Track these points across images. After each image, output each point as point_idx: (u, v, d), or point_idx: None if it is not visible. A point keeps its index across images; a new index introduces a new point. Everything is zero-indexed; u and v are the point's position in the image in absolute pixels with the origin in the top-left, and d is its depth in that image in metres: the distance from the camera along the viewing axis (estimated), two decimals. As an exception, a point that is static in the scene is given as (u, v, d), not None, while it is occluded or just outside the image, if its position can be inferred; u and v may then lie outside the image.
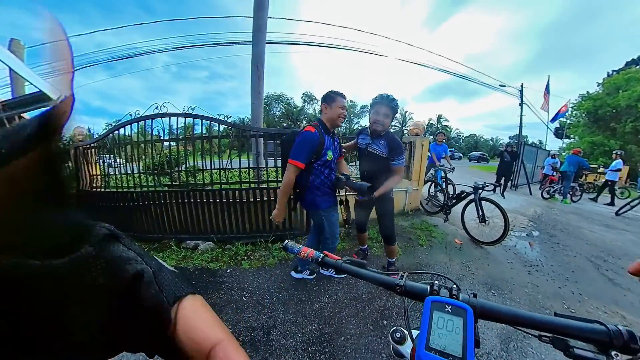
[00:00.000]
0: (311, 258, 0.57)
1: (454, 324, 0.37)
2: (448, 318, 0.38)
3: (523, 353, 1.44)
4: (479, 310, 0.40)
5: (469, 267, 2.43)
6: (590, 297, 2.04)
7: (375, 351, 1.42)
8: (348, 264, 0.54)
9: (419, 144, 3.97)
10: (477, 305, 0.40)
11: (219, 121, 2.81)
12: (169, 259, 2.52)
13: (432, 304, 0.40)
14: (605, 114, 15.01)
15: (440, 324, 0.38)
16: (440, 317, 0.38)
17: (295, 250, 0.60)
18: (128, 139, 3.06)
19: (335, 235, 1.83)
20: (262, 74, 4.20)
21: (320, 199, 1.68)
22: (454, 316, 0.38)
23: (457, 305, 0.39)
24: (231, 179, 2.99)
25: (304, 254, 0.58)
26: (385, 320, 1.67)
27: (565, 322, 0.37)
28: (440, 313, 0.39)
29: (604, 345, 0.34)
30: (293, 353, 1.42)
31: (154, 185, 3.08)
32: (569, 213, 5.05)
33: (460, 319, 0.37)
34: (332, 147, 1.67)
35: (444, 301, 0.40)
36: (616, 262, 2.74)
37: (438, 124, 47.72)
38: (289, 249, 0.61)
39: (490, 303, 0.41)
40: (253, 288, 2.03)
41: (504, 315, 0.40)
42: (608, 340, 0.33)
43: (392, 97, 1.70)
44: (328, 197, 1.72)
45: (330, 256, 0.57)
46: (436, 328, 0.37)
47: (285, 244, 0.63)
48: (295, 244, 0.61)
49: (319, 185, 1.66)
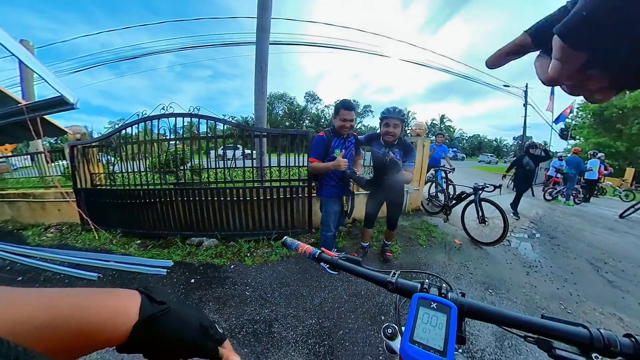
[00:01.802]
0: (308, 254, 0.59)
1: (437, 320, 0.39)
2: (433, 314, 0.39)
3: (517, 351, 1.48)
4: (466, 309, 0.42)
5: (467, 267, 2.46)
6: (588, 299, 2.05)
7: (372, 344, 1.47)
8: (344, 261, 0.56)
9: (421, 145, 4.00)
10: (465, 304, 0.42)
11: (223, 121, 2.87)
12: (174, 254, 2.59)
13: (418, 300, 0.42)
14: (611, 115, 14.79)
15: (425, 319, 0.39)
16: (425, 312, 0.40)
17: (293, 246, 0.62)
18: (134, 138, 3.14)
19: (328, 224, 2.09)
20: (266, 74, 4.26)
21: (324, 188, 2.06)
22: (439, 312, 0.39)
23: (442, 303, 0.40)
24: (235, 178, 3.05)
25: (301, 250, 0.60)
26: (383, 315, 1.71)
27: (549, 324, 0.38)
28: (425, 309, 0.40)
29: (586, 348, 0.35)
30: (294, 345, 1.47)
31: (160, 183, 3.16)
32: (572, 215, 5.02)
33: (445, 315, 0.39)
34: (342, 147, 1.98)
35: (430, 298, 0.42)
36: (617, 264, 2.74)
37: (441, 124, 47.38)
38: (288, 245, 0.64)
39: (477, 302, 0.43)
40: (256, 283, 2.09)
41: (491, 314, 0.41)
42: (589, 342, 0.35)
43: (399, 109, 1.91)
44: (331, 188, 2.04)
45: (327, 253, 0.59)
46: (421, 323, 0.39)
47: (284, 240, 0.65)
48: (294, 240, 0.64)
49: (327, 177, 2.02)
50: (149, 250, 2.75)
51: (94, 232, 3.08)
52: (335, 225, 2.14)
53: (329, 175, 2.00)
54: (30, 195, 3.83)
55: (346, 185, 2.13)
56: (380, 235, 3.14)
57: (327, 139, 1.93)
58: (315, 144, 1.96)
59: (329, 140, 1.93)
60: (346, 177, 1.97)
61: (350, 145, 2.07)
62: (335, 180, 2.01)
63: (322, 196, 2.10)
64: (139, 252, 2.73)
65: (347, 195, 2.18)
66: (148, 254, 2.64)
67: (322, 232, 2.17)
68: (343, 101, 1.94)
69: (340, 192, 2.10)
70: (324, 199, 2.10)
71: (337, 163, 1.79)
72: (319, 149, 1.94)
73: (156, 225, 3.04)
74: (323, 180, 2.04)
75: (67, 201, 3.24)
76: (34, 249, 2.80)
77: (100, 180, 3.37)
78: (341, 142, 1.99)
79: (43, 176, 4.31)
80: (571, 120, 16.91)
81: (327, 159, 1.94)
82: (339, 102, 1.97)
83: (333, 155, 1.92)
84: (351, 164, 2.10)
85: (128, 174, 3.18)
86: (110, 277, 2.21)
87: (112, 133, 3.13)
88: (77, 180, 3.24)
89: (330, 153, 1.93)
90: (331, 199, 2.06)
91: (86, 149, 3.29)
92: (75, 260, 2.47)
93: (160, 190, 2.97)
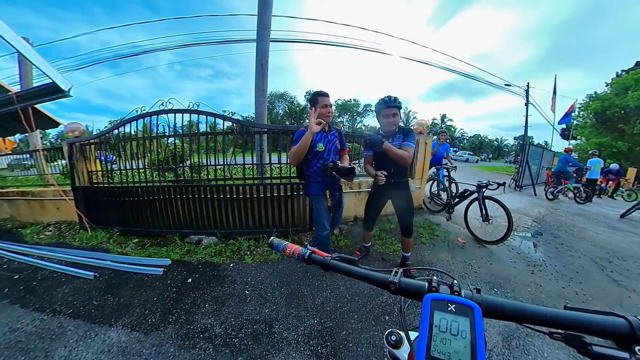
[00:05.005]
0: (297, 255, 0.53)
1: (459, 326, 0.31)
2: (452, 319, 0.32)
3: (525, 351, 1.43)
4: (485, 308, 0.35)
5: (471, 266, 2.42)
6: (594, 298, 2.02)
7: (376, 345, 1.43)
8: (337, 261, 0.50)
9: (423, 143, 3.96)
10: (483, 301, 0.35)
11: (223, 117, 2.83)
12: (172, 252, 2.55)
13: (432, 303, 0.34)
14: (614, 115, 14.71)
15: (443, 327, 0.32)
16: (442, 318, 0.33)
17: (280, 248, 0.56)
18: (132, 135, 3.09)
19: (322, 223, 2.01)
20: (267, 72, 4.22)
21: (311, 186, 2.00)
22: (459, 316, 0.32)
23: (463, 303, 0.33)
24: (235, 175, 3.01)
25: (289, 251, 0.55)
26: (387, 315, 1.67)
27: (579, 316, 0.32)
28: (442, 313, 0.33)
29: (626, 340, 0.30)
30: (295, 346, 1.43)
31: (158, 181, 3.12)
32: (574, 214, 4.98)
33: (467, 319, 0.32)
34: (325, 140, 1.94)
35: (447, 299, 0.34)
36: (621, 263, 2.70)
37: (442, 124, 47.28)
38: (274, 246, 0.57)
39: (497, 299, 0.36)
40: (256, 282, 2.05)
41: (512, 311, 0.35)
42: (630, 334, 0.30)
43: (393, 97, 1.83)
44: (319, 185, 1.98)
45: (318, 253, 0.53)
46: (438, 332, 0.31)
47: (270, 241, 0.59)
48: (281, 241, 0.58)
49: (313, 174, 1.97)
50: (147, 248, 2.71)
51: (90, 231, 3.04)
52: (329, 223, 2.08)
53: (314, 172, 1.95)
54: (29, 193, 3.80)
55: (334, 180, 2.03)
56: (383, 234, 3.11)
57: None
58: (298, 137, 1.89)
59: None
60: (328, 170, 1.89)
61: (334, 138, 2.03)
62: (322, 177, 1.95)
63: (311, 194, 2.03)
64: (135, 251, 2.69)
65: (336, 191, 2.13)
66: (146, 253, 2.60)
67: (317, 232, 2.07)
68: (317, 91, 1.90)
69: (328, 188, 2.07)
70: (313, 197, 2.03)
71: (311, 127, 1.66)
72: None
73: (155, 223, 3.00)
74: (310, 177, 1.98)
75: (65, 199, 3.20)
76: (32, 247, 2.77)
77: (99, 178, 3.33)
78: (323, 135, 1.94)
79: (42, 174, 4.28)
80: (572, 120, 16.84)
81: (310, 154, 1.89)
82: (312, 93, 1.91)
83: (316, 149, 1.89)
84: (337, 158, 2.05)
85: (127, 171, 3.14)
86: (106, 276, 2.17)
87: (110, 129, 3.09)
88: (75, 178, 3.20)
89: (314, 147, 1.89)
90: (321, 196, 2.01)
91: (84, 147, 3.25)
92: (72, 259, 2.44)
93: (159, 188, 2.93)
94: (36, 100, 1.12)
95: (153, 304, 1.79)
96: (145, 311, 1.72)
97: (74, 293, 1.94)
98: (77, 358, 1.34)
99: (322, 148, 1.90)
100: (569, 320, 0.33)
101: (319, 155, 1.92)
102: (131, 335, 1.50)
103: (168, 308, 1.75)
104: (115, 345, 1.42)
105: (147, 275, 2.16)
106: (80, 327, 1.57)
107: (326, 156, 1.95)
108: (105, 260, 2.40)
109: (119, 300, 1.84)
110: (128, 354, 1.37)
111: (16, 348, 1.41)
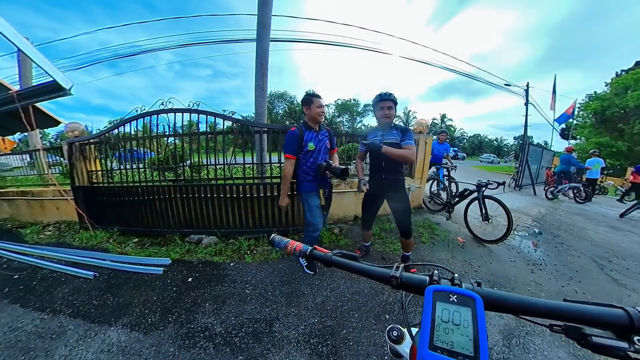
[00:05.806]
0: (298, 252, 0.54)
1: (461, 316, 0.32)
2: (454, 309, 0.33)
3: (525, 349, 1.43)
4: (486, 300, 0.35)
5: (471, 265, 2.43)
6: (594, 297, 2.02)
7: (377, 344, 1.43)
8: (338, 257, 0.51)
9: (422, 142, 3.96)
10: (484, 294, 0.36)
11: (223, 117, 2.82)
12: (172, 252, 2.55)
13: (434, 294, 0.35)
14: (613, 115, 14.74)
15: (445, 317, 0.32)
16: (444, 308, 0.33)
17: (282, 244, 0.57)
18: (132, 135, 3.09)
19: (314, 222, 2.02)
20: (267, 71, 4.21)
21: (302, 184, 2.02)
22: (461, 307, 0.33)
23: (464, 294, 0.33)
24: (235, 175, 3.01)
25: (290, 247, 0.55)
26: (387, 314, 1.67)
27: (579, 307, 0.33)
28: (444, 304, 0.33)
29: (625, 330, 0.31)
30: (295, 345, 1.43)
31: (158, 180, 3.12)
32: (574, 214, 4.99)
33: (469, 309, 0.32)
34: (315, 140, 1.99)
35: (449, 290, 0.35)
36: (621, 262, 2.71)
37: (442, 124, 47.29)
38: (276, 243, 0.58)
39: (497, 291, 0.37)
40: (256, 281, 2.05)
41: (513, 304, 0.35)
42: (629, 324, 0.30)
43: (389, 92, 1.90)
44: (309, 183, 2.01)
45: (320, 249, 0.53)
46: (441, 322, 0.32)
47: (271, 238, 0.59)
48: (282, 238, 0.58)
49: (303, 173, 2.00)
50: (147, 248, 2.71)
51: (91, 230, 3.04)
52: (322, 221, 2.09)
53: (304, 171, 1.99)
54: (28, 193, 3.79)
55: (324, 178, 2.08)
56: (383, 233, 3.11)
57: (300, 133, 1.96)
58: (289, 140, 1.95)
59: (302, 134, 1.96)
60: (322, 169, 1.94)
61: (324, 138, 2.08)
62: (312, 175, 1.99)
63: (302, 192, 2.04)
64: (135, 250, 2.68)
65: (326, 188, 2.15)
66: (146, 252, 2.60)
67: (308, 233, 2.06)
68: (311, 92, 1.97)
69: (319, 186, 2.09)
70: (304, 195, 2.03)
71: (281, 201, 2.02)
72: (293, 144, 1.94)
73: (155, 222, 3.00)
74: (300, 176, 2.02)
75: (65, 199, 3.20)
76: (32, 247, 2.77)
77: (98, 177, 3.33)
78: (314, 135, 2.00)
79: (42, 174, 4.27)
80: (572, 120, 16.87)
81: (301, 152, 1.96)
82: (306, 94, 1.98)
83: (307, 148, 1.95)
84: (327, 157, 2.09)
85: (127, 171, 3.14)
86: (106, 275, 2.17)
87: (110, 129, 3.09)
88: (75, 178, 3.20)
89: (304, 147, 1.95)
90: (312, 193, 2.03)
91: (84, 146, 3.25)
92: (72, 259, 2.43)
93: (159, 187, 2.93)
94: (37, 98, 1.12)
95: (153, 304, 1.79)
96: (145, 311, 1.72)
97: (74, 293, 1.93)
98: (77, 357, 1.34)
99: (313, 147, 1.97)
100: (569, 312, 0.33)
101: (309, 154, 1.98)
102: (131, 335, 1.50)
103: (168, 307, 1.75)
104: (115, 345, 1.42)
105: (147, 274, 2.16)
106: (80, 326, 1.57)
107: (316, 155, 2.00)
108: (105, 259, 2.39)
109: (118, 299, 1.84)
110: (128, 353, 1.37)
111: (16, 347, 1.41)
